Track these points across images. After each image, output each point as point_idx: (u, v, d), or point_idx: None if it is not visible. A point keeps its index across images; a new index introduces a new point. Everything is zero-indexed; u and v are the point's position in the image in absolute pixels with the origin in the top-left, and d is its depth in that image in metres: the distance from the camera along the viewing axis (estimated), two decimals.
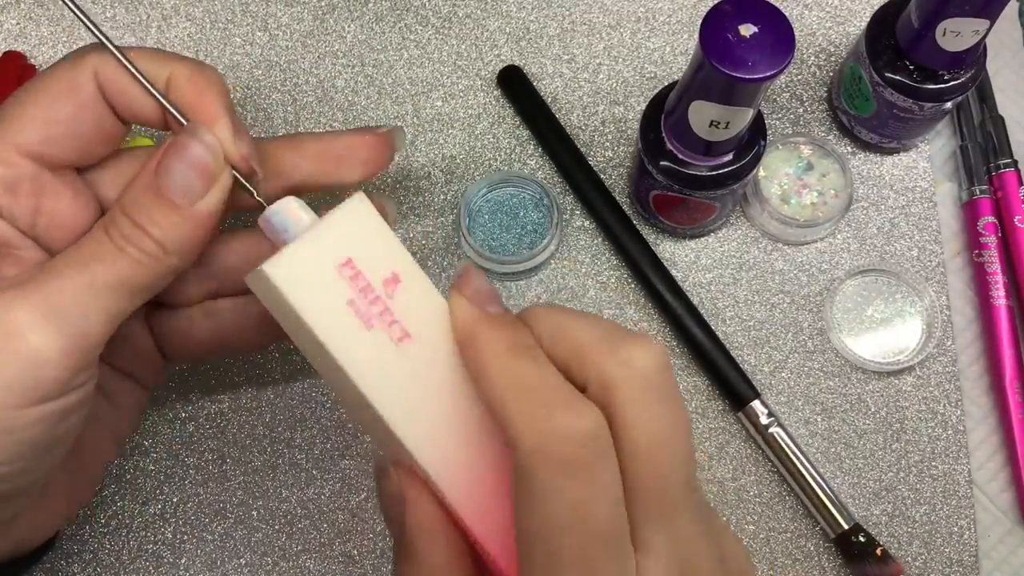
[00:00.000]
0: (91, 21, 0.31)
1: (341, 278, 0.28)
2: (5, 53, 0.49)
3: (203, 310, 0.37)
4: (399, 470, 0.29)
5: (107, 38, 0.31)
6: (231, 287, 0.37)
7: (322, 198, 0.40)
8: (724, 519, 0.44)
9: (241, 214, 0.35)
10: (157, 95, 0.32)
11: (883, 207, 0.49)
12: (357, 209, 0.29)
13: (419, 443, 0.28)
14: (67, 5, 0.31)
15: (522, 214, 0.47)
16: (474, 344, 0.28)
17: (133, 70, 0.31)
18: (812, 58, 0.51)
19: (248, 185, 0.32)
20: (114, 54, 0.31)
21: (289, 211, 0.31)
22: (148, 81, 0.31)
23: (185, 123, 0.31)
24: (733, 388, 0.45)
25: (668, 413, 0.27)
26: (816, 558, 0.44)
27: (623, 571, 0.26)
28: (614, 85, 0.50)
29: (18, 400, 0.28)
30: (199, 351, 0.38)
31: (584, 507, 0.25)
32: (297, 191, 0.34)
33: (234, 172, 0.32)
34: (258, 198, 0.32)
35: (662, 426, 0.27)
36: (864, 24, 0.46)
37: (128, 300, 0.30)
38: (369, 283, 0.28)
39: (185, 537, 0.44)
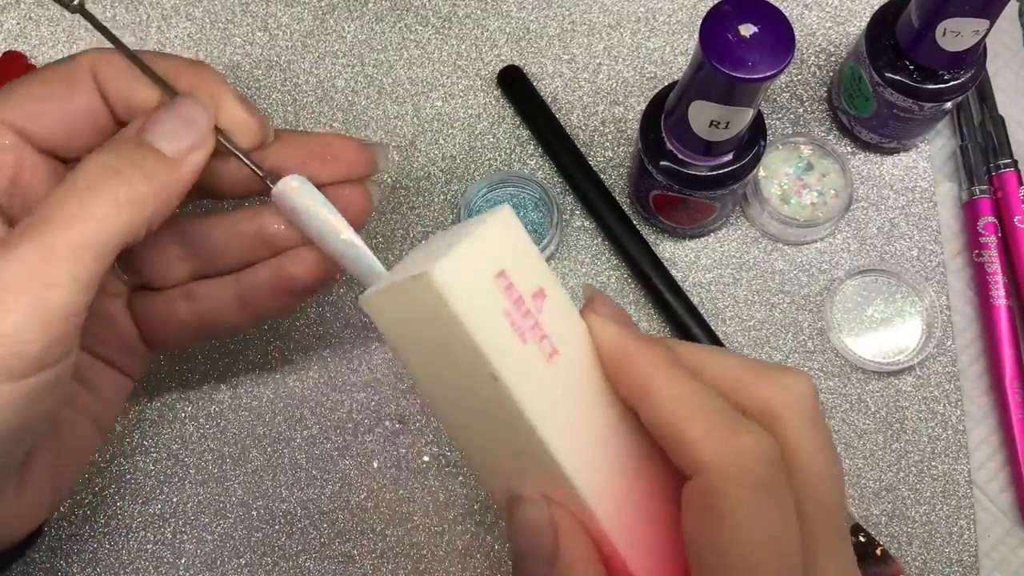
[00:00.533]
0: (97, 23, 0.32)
1: (497, 288, 0.26)
2: (5, 53, 0.50)
3: (184, 292, 0.37)
4: (548, 498, 0.27)
5: (108, 32, 0.32)
6: (213, 267, 0.37)
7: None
8: None
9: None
10: (150, 70, 0.33)
11: (883, 207, 0.49)
12: (507, 220, 0.28)
13: (575, 466, 0.26)
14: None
15: (522, 214, 0.47)
16: (631, 360, 0.27)
17: (127, 53, 0.32)
18: (812, 58, 0.51)
19: (252, 164, 0.33)
20: (109, 38, 0.32)
21: (289, 189, 0.32)
22: (144, 63, 0.33)
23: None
24: None
25: (829, 441, 0.27)
26: None
27: None
28: (614, 85, 0.50)
29: None
30: (181, 336, 0.37)
31: (779, 532, 0.25)
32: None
33: (237, 153, 0.33)
34: (266, 181, 0.33)
35: (829, 455, 0.27)
36: (864, 24, 0.46)
37: (96, 262, 0.29)
38: (521, 295, 0.27)
39: (185, 537, 0.44)
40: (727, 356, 0.28)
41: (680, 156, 0.42)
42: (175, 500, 0.44)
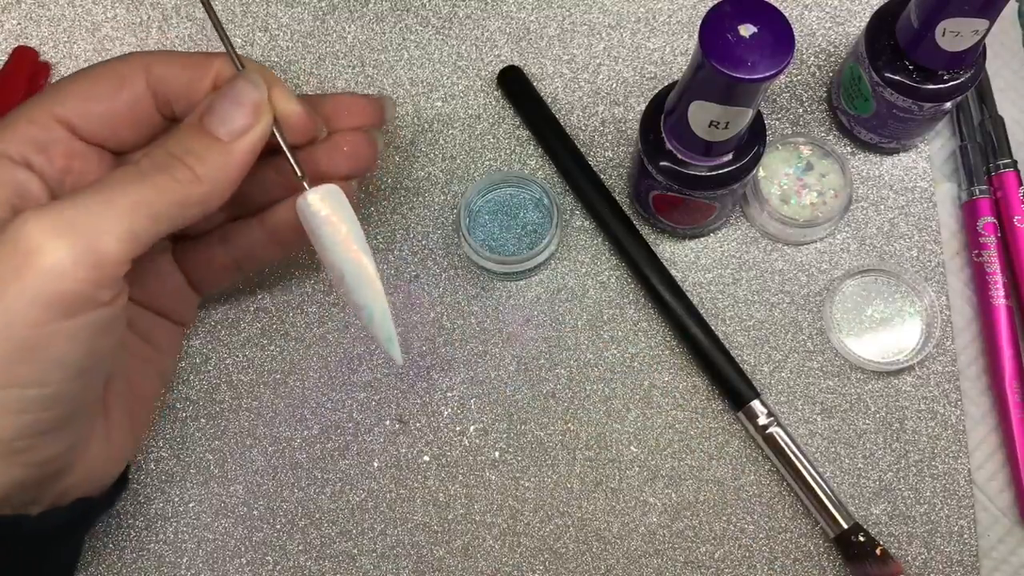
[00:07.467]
0: None
1: None
2: (17, 48, 0.50)
3: (219, 236, 0.40)
4: None
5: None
6: (242, 209, 0.40)
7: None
8: (724, 519, 0.44)
9: None
10: (226, 41, 0.35)
11: (883, 207, 0.49)
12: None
13: None
14: None
15: (522, 214, 0.47)
16: None
17: (212, 17, 0.35)
18: (812, 58, 0.51)
19: (296, 166, 0.36)
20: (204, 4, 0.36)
21: (308, 203, 0.35)
22: (221, 27, 0.35)
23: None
24: (733, 388, 0.45)
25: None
26: (816, 558, 0.44)
27: None
28: (614, 85, 0.50)
29: (43, 315, 0.29)
30: (223, 277, 0.42)
31: None
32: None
33: (284, 146, 0.35)
34: (303, 181, 0.36)
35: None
36: (864, 24, 0.46)
37: (151, 222, 0.31)
38: None
39: (186, 537, 0.44)
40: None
41: (680, 156, 0.42)
42: (176, 500, 0.44)
